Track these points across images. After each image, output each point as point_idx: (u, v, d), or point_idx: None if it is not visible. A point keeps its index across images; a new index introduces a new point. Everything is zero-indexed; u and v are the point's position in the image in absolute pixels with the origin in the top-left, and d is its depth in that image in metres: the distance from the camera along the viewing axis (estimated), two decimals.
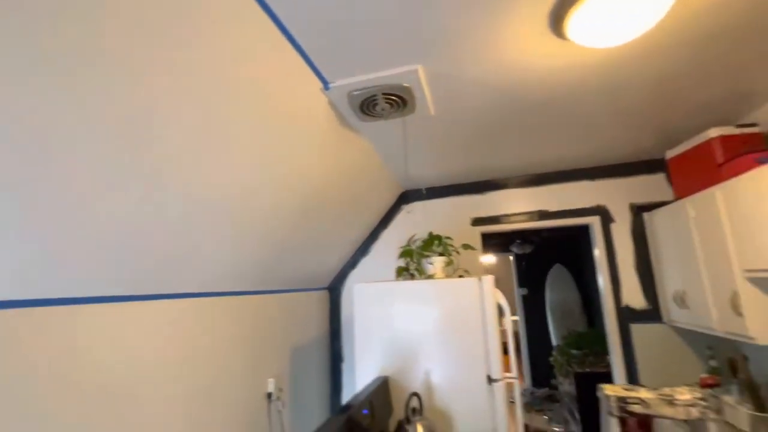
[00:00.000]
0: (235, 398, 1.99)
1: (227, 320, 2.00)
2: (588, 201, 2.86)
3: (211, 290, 1.91)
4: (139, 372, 1.49)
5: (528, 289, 5.84)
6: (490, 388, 1.82)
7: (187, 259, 1.61)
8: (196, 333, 1.80)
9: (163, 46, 1.01)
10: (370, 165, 2.41)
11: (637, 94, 1.81)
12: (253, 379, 2.15)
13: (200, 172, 1.37)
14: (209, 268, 1.78)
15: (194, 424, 1.72)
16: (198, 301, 1.83)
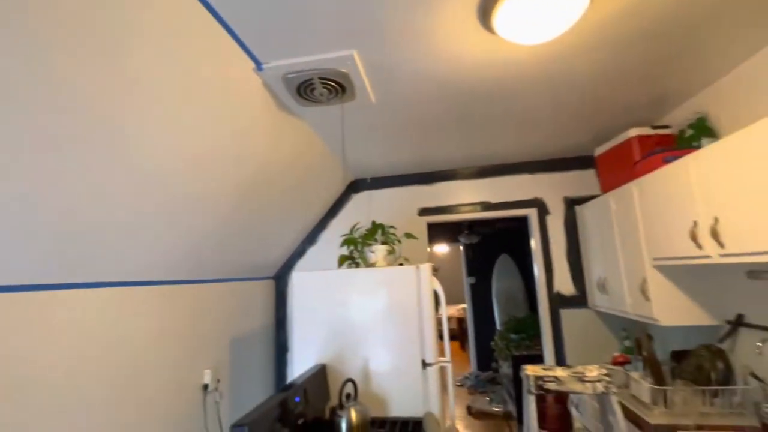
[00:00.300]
0: (167, 390, 1.91)
1: (158, 310, 1.90)
2: (527, 194, 3.01)
3: (140, 279, 1.81)
4: (61, 363, 1.39)
5: (476, 278, 6.08)
6: (425, 372, 1.88)
7: (115, 246, 1.50)
8: (123, 323, 1.69)
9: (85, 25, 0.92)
10: (315, 152, 2.37)
11: (571, 93, 1.91)
12: (188, 371, 2.08)
13: (127, 154, 1.28)
14: (139, 255, 1.67)
15: (121, 417, 1.63)
16: (126, 290, 1.72)
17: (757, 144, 1.28)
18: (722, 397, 1.74)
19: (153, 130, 1.33)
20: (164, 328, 1.94)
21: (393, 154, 2.73)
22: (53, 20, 0.91)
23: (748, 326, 1.75)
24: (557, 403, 1.72)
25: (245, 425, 1.18)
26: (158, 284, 1.93)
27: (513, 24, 1.22)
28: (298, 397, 1.56)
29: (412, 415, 1.84)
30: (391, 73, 1.62)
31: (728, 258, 1.44)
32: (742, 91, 1.71)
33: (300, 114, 1.94)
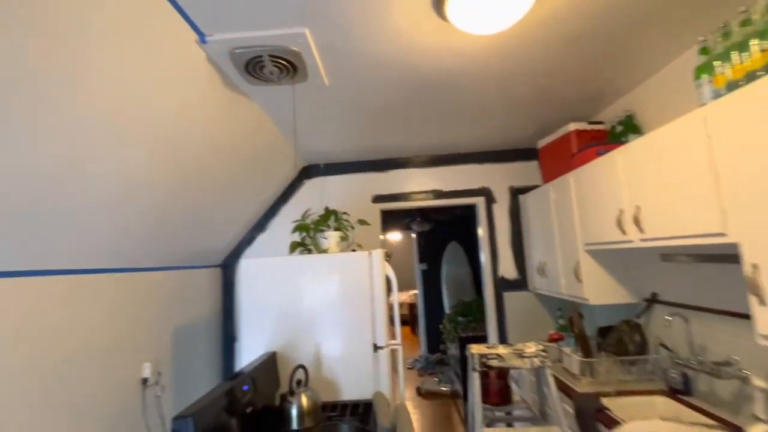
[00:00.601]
0: (102, 386, 1.77)
1: (90, 301, 1.75)
2: (475, 183, 3.13)
3: (70, 267, 1.64)
4: None
5: (427, 265, 6.26)
6: (376, 355, 1.91)
7: (42, 232, 1.34)
8: (51, 315, 1.53)
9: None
10: (265, 135, 2.28)
11: (518, 87, 2.00)
12: (125, 365, 1.94)
13: (53, 130, 1.13)
14: (70, 242, 1.51)
15: (50, 415, 1.48)
16: (53, 279, 1.56)
17: (670, 142, 1.43)
18: (638, 366, 1.96)
19: (83, 102, 1.20)
20: (97, 320, 1.79)
21: (347, 140, 2.70)
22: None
23: (661, 303, 1.98)
24: (499, 379, 1.84)
25: (189, 416, 1.14)
26: (90, 273, 1.77)
27: (465, 13, 1.24)
28: (246, 385, 1.53)
29: (363, 397, 1.87)
30: (345, 55, 1.59)
31: (647, 243, 1.61)
32: (663, 92, 1.90)
33: (249, 93, 1.85)
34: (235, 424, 1.36)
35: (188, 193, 2.03)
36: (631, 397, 1.82)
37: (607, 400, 1.77)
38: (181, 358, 2.43)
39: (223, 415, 1.31)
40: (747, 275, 1.14)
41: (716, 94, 1.28)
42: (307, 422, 1.60)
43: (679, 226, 1.42)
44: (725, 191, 1.21)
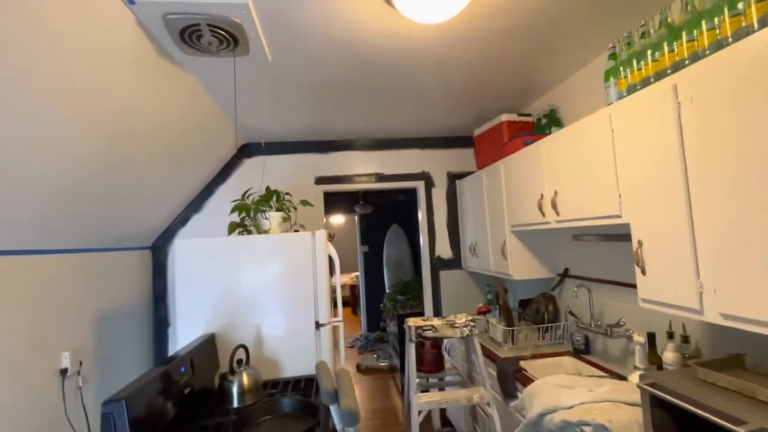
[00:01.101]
0: (14, 379, 1.61)
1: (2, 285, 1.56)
2: (416, 167, 3.26)
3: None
4: None
5: (369, 247, 6.39)
6: (318, 332, 1.96)
7: None
8: None
9: None
10: (201, 109, 2.15)
11: (458, 76, 2.10)
12: (40, 355, 1.77)
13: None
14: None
15: None
16: None
17: (583, 135, 1.64)
18: (551, 332, 2.24)
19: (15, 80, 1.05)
20: (8, 306, 1.60)
21: (289, 118, 2.64)
22: None
23: (571, 277, 2.26)
24: (433, 348, 2.00)
25: (122, 399, 1.11)
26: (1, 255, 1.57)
27: (411, 1, 1.29)
28: (183, 367, 1.50)
29: (305, 373, 1.92)
30: (289, 30, 1.56)
31: (562, 224, 1.83)
32: (581, 90, 2.13)
33: (184, 64, 1.73)
34: (171, 407, 1.34)
35: (113, 170, 1.87)
36: (545, 359, 2.09)
37: (524, 363, 2.01)
38: (107, 346, 2.27)
39: (159, 399, 1.28)
40: (634, 250, 1.36)
41: (620, 95, 1.48)
42: (248, 399, 1.62)
43: (587, 209, 1.63)
44: (621, 179, 1.43)
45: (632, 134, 1.36)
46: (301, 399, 1.51)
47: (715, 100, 1.04)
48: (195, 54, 1.60)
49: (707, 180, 1.08)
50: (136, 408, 1.14)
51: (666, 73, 1.26)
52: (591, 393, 1.39)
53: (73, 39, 1.23)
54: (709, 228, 1.09)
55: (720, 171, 1.04)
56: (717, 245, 1.06)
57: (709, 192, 1.08)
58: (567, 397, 1.40)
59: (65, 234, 1.90)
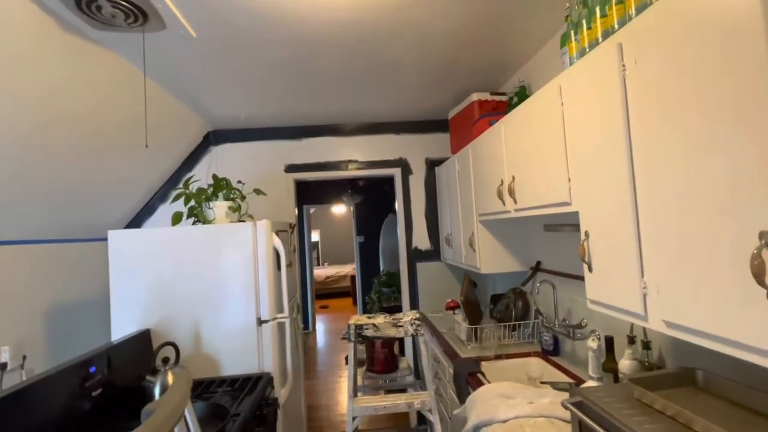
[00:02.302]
0: None
1: None
2: (392, 153, 3.08)
3: None
4: None
5: (364, 237, 6.26)
6: (260, 329, 1.85)
7: None
8: None
9: None
10: (140, 92, 2.04)
11: (428, 49, 1.89)
12: None
13: None
14: None
15: None
16: None
17: (536, 111, 1.43)
18: (519, 331, 2.06)
19: None
20: None
21: (251, 104, 2.51)
22: None
23: (543, 271, 2.07)
24: (383, 348, 1.86)
25: None
26: None
27: None
28: (94, 367, 1.41)
29: (246, 372, 1.82)
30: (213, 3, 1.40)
31: (519, 212, 1.64)
32: (550, 63, 1.90)
33: (102, 41, 1.61)
34: (66, 411, 1.24)
35: (59, 159, 1.78)
36: (510, 360, 1.91)
37: (486, 364, 1.85)
38: (60, 339, 2.22)
39: (49, 403, 1.19)
40: (580, 243, 1.17)
41: (571, 62, 1.27)
42: None
43: (540, 195, 1.44)
44: (571, 161, 1.23)
45: (580, 107, 1.16)
46: (214, 403, 1.40)
47: (658, 62, 0.84)
48: (103, 29, 1.47)
49: (651, 160, 0.88)
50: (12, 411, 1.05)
51: (613, 30, 1.05)
52: (530, 405, 1.22)
53: None
54: (653, 217, 0.89)
55: (663, 149, 0.84)
56: (661, 237, 0.86)
57: (653, 174, 0.88)
58: (504, 409, 1.24)
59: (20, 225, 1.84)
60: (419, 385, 1.89)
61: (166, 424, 0.63)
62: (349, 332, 1.61)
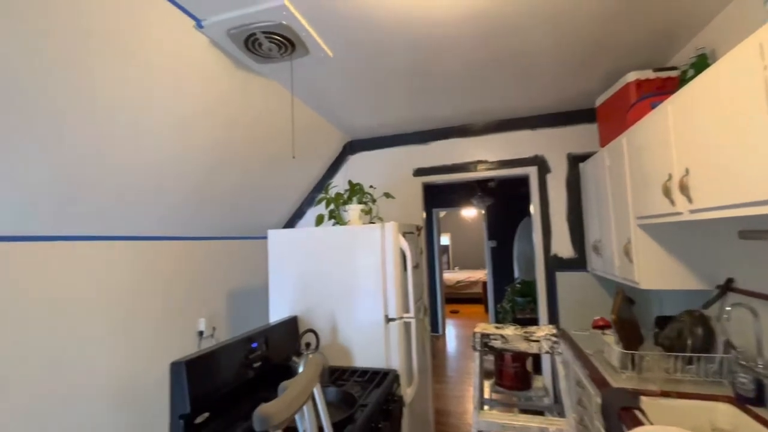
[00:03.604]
0: (165, 334, 2.13)
1: (157, 262, 2.09)
2: (527, 151, 2.83)
3: (141, 234, 1.98)
4: (75, 305, 1.61)
5: (497, 242, 5.94)
6: (388, 326, 1.92)
7: (119, 204, 1.68)
8: (126, 272, 1.89)
9: None
10: (294, 112, 2.37)
11: (573, 32, 1.70)
12: (184, 318, 2.29)
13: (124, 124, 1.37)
14: (138, 213, 1.84)
15: (124, 351, 1.85)
16: (126, 244, 1.91)
17: (723, 81, 1.10)
18: (697, 365, 1.62)
19: (148, 109, 1.41)
20: (157, 280, 2.13)
21: (382, 113, 2.66)
22: None
23: (737, 291, 1.58)
24: (514, 362, 1.70)
25: (183, 362, 1.31)
26: (152, 239, 2.10)
27: None
28: (256, 343, 1.69)
29: (375, 366, 1.91)
30: (341, 22, 1.55)
31: (698, 214, 1.29)
32: (740, 24, 1.44)
33: (264, 72, 1.94)
34: (235, 377, 1.52)
35: (233, 171, 2.25)
36: (684, 400, 1.52)
37: (648, 400, 1.51)
38: (235, 317, 2.76)
39: (224, 367, 1.48)
40: None
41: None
42: None
43: (733, 190, 1.10)
44: None
45: None
46: (345, 390, 1.50)
47: None
48: (263, 62, 1.76)
49: None
50: (197, 371, 1.34)
51: None
52: None
53: (167, 66, 1.52)
54: None
55: None
56: None
57: None
58: None
59: (204, 225, 2.39)
60: (557, 410, 1.67)
61: (296, 401, 0.70)
62: (474, 340, 1.53)
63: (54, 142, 1.37)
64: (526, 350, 1.46)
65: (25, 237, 1.49)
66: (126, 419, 1.85)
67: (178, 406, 1.26)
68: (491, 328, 1.57)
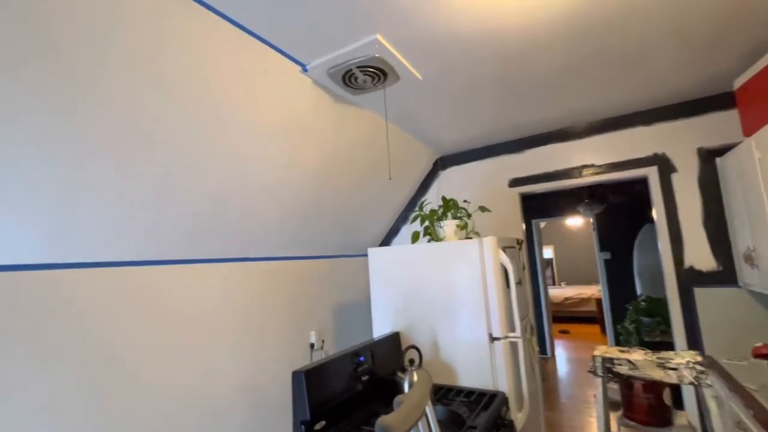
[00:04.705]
0: (281, 346, 2.38)
1: (268, 281, 2.37)
2: (644, 149, 2.50)
3: (254, 255, 2.29)
4: (203, 322, 1.93)
5: (611, 253, 5.27)
6: (492, 346, 1.84)
7: (241, 229, 1.99)
8: (242, 291, 2.19)
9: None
10: (386, 135, 2.49)
11: (696, 11, 1.49)
12: (296, 332, 2.52)
13: (237, 161, 1.66)
14: (257, 236, 2.14)
15: (248, 365, 2.13)
16: (251, 264, 2.22)
17: None
18: None
19: (261, 145, 1.68)
20: (274, 297, 2.39)
21: (471, 125, 2.63)
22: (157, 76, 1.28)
23: None
24: (647, 393, 1.47)
25: (303, 372, 1.44)
26: (268, 260, 2.39)
27: None
28: (363, 356, 1.77)
29: (480, 386, 1.84)
30: (433, 44, 1.59)
31: None
32: None
33: (358, 102, 2.09)
34: (347, 388, 1.61)
35: (331, 194, 2.45)
36: None
37: None
38: (341, 330, 2.93)
39: (337, 378, 1.58)
40: None
41: None
42: None
43: None
44: None
45: None
46: (452, 410, 1.47)
47: None
48: (358, 93, 1.90)
49: None
50: (314, 380, 1.45)
51: None
52: None
53: (282, 107, 1.75)
54: None
55: None
56: None
57: None
58: None
59: (307, 244, 2.63)
60: None
61: (411, 415, 0.72)
62: (594, 365, 1.37)
63: (198, 184, 1.67)
64: (661, 379, 1.26)
65: (174, 261, 1.82)
66: (255, 419, 2.09)
67: (300, 412, 1.38)
68: (615, 352, 1.40)
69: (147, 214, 1.58)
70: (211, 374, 1.92)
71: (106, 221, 1.48)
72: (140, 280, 1.67)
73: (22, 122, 1.14)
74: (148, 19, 1.21)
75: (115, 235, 1.53)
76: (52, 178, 1.27)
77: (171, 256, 1.79)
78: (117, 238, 1.55)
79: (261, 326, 2.25)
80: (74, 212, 1.37)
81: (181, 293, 1.85)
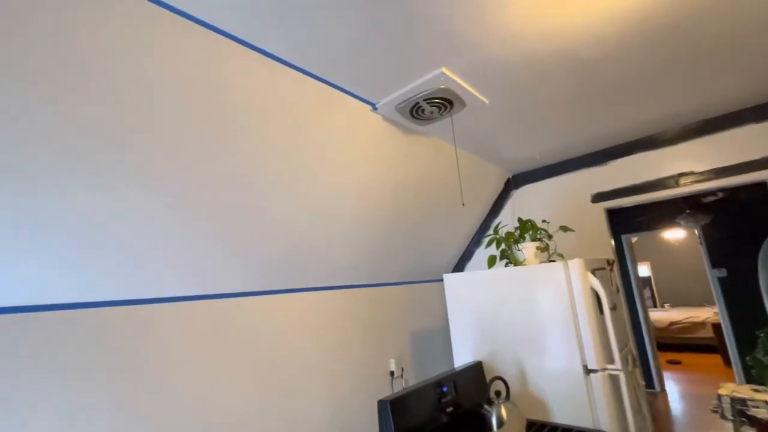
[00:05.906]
0: (363, 374, 2.43)
1: (347, 309, 2.46)
2: (755, 151, 2.18)
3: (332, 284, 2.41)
4: (289, 349, 2.07)
5: (727, 270, 4.54)
6: (588, 378, 1.69)
7: (320, 259, 2.14)
8: (328, 319, 2.30)
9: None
10: (455, 161, 2.51)
11: None
12: (376, 360, 2.55)
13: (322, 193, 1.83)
14: (339, 265, 2.27)
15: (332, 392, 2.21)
16: (323, 293, 2.35)
17: None
18: None
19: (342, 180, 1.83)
20: (351, 324, 2.47)
21: (543, 141, 2.54)
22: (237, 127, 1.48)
23: None
24: None
25: (388, 401, 1.46)
26: (346, 288, 2.49)
27: None
28: (446, 387, 1.73)
29: (575, 423, 1.68)
30: (499, 67, 1.60)
31: None
32: None
33: (425, 132, 2.14)
34: (432, 419, 1.58)
35: (405, 221, 2.51)
36: None
37: None
38: (419, 357, 2.90)
39: (421, 408, 1.56)
40: None
41: None
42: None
43: None
44: None
45: None
46: None
47: None
48: (425, 124, 1.96)
49: None
50: (399, 410, 1.46)
51: None
52: None
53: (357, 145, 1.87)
54: None
55: None
56: None
57: None
58: None
59: (383, 271, 2.70)
60: None
61: None
62: (722, 405, 1.19)
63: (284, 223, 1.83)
64: None
65: (260, 292, 1.97)
66: None
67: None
68: (747, 391, 1.20)
69: (238, 250, 1.77)
70: (299, 400, 2.02)
71: (209, 255, 1.68)
72: (235, 314, 1.85)
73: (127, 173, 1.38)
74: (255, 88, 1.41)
75: (224, 269, 1.74)
76: (162, 225, 1.50)
77: (261, 287, 1.97)
78: (230, 273, 1.75)
79: (341, 355, 2.32)
80: (185, 249, 1.59)
81: (279, 322, 2.00)
